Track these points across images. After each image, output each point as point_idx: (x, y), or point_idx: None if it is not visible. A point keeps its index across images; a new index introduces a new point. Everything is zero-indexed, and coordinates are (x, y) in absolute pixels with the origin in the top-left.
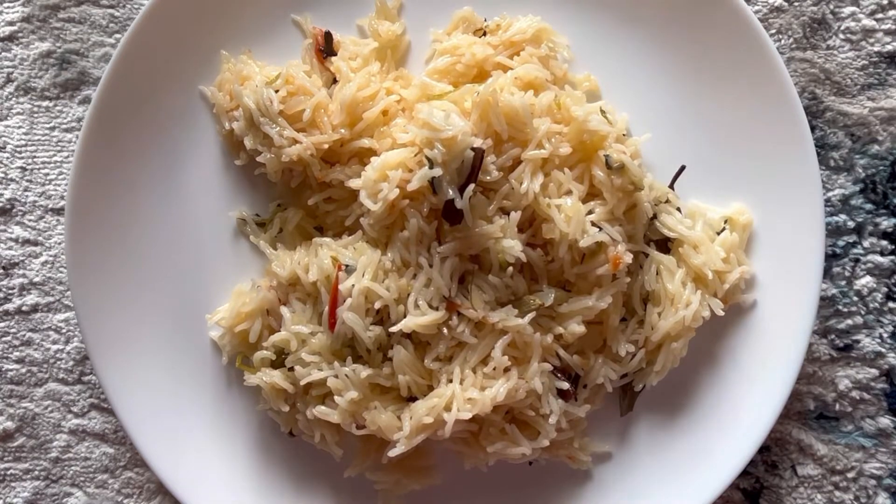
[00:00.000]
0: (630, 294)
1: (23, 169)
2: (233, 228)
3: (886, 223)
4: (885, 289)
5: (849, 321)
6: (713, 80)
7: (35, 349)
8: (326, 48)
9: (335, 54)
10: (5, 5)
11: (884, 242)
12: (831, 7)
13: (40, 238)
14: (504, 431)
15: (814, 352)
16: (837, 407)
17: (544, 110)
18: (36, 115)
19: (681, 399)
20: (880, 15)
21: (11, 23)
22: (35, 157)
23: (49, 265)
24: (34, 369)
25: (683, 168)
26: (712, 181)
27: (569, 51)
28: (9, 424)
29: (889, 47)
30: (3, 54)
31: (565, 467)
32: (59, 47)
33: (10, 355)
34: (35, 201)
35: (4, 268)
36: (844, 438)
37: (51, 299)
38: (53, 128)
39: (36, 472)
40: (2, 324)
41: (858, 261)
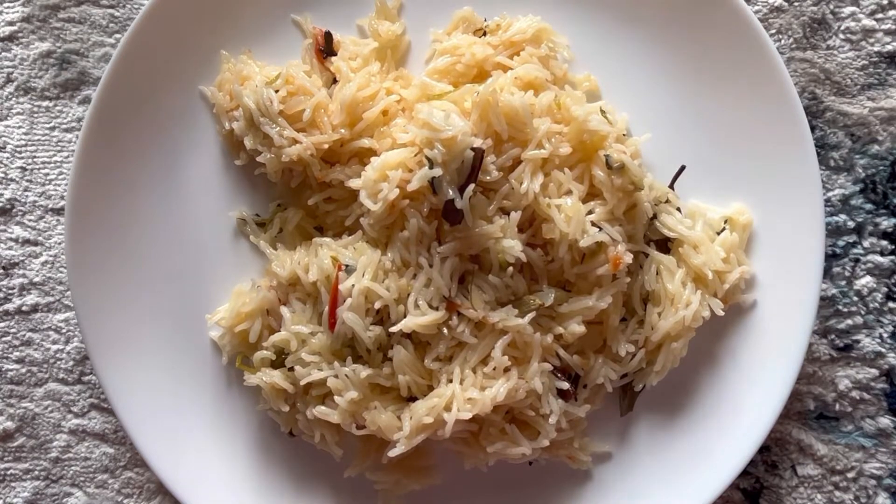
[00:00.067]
0: (630, 294)
1: (23, 169)
2: (233, 228)
3: (886, 223)
4: (885, 289)
5: (849, 321)
6: (713, 80)
7: (35, 349)
8: (326, 48)
9: (335, 54)
10: (5, 5)
11: (884, 242)
12: (831, 7)
13: (40, 238)
14: (504, 431)
15: (814, 352)
16: (837, 407)
17: (544, 110)
18: (36, 115)
19: (681, 399)
20: (880, 15)
21: (11, 23)
22: (35, 157)
23: (49, 265)
24: (34, 369)
25: (683, 168)
26: (712, 181)
27: (569, 51)
28: (9, 424)
29: (889, 47)
30: (3, 54)
31: (565, 467)
32: (59, 47)
33: (10, 355)
34: (35, 201)
35: (4, 268)
36: (844, 438)
37: (51, 299)
38: (53, 128)
39: (36, 472)
40: (2, 324)
41: (858, 261)
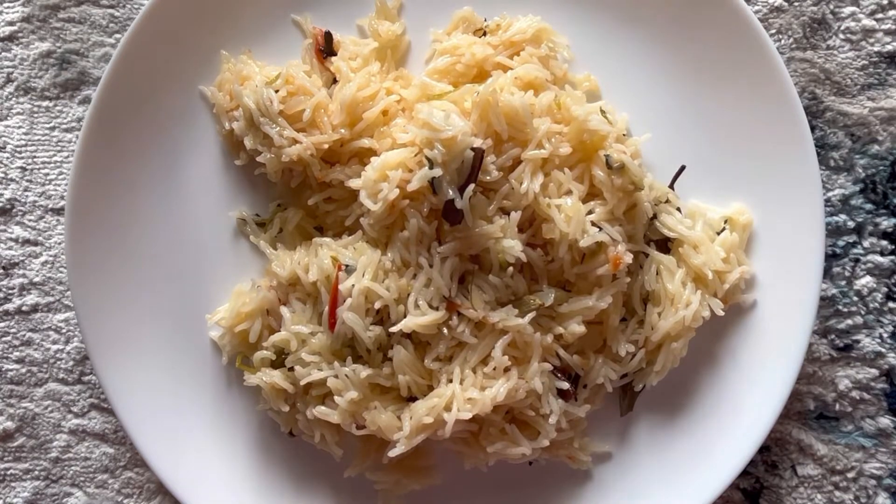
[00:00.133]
0: (630, 294)
1: (23, 169)
2: (233, 228)
3: (886, 223)
4: (885, 289)
5: (849, 321)
6: (713, 80)
7: (35, 349)
8: (326, 48)
9: (335, 54)
10: (5, 5)
11: (884, 242)
12: (831, 7)
13: (40, 238)
14: (504, 431)
15: (814, 352)
16: (837, 407)
17: (544, 110)
18: (36, 115)
19: (681, 399)
20: (880, 15)
21: (11, 23)
22: (35, 157)
23: (49, 265)
24: (34, 369)
25: (683, 168)
26: (712, 181)
27: (569, 51)
28: (9, 424)
29: (889, 47)
30: (3, 54)
31: (565, 467)
32: (59, 47)
33: (10, 355)
34: (35, 201)
35: (4, 268)
36: (844, 438)
37: (51, 299)
38: (53, 128)
39: (36, 472)
40: (2, 324)
41: (858, 261)
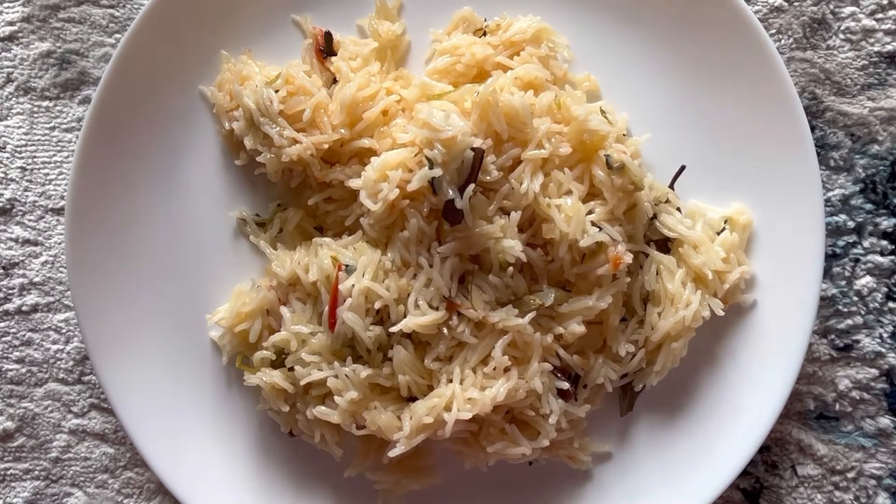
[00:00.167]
0: (630, 294)
1: (23, 169)
2: (233, 228)
3: (886, 223)
4: (885, 289)
5: (849, 321)
6: (713, 80)
7: (35, 349)
8: (326, 48)
9: (335, 54)
10: (5, 5)
11: (884, 242)
12: (831, 7)
13: (40, 238)
14: (504, 431)
15: (814, 352)
16: (837, 407)
17: (544, 110)
18: (36, 115)
19: (681, 399)
20: (880, 15)
21: (11, 23)
22: (35, 157)
23: (49, 265)
24: (34, 369)
25: (683, 168)
26: (712, 181)
27: (569, 51)
28: (9, 424)
29: (889, 47)
30: (3, 54)
31: (565, 467)
32: (59, 47)
33: (10, 355)
34: (35, 201)
35: (4, 268)
36: (844, 438)
37: (51, 299)
38: (53, 128)
39: (36, 472)
40: (2, 324)
41: (858, 261)
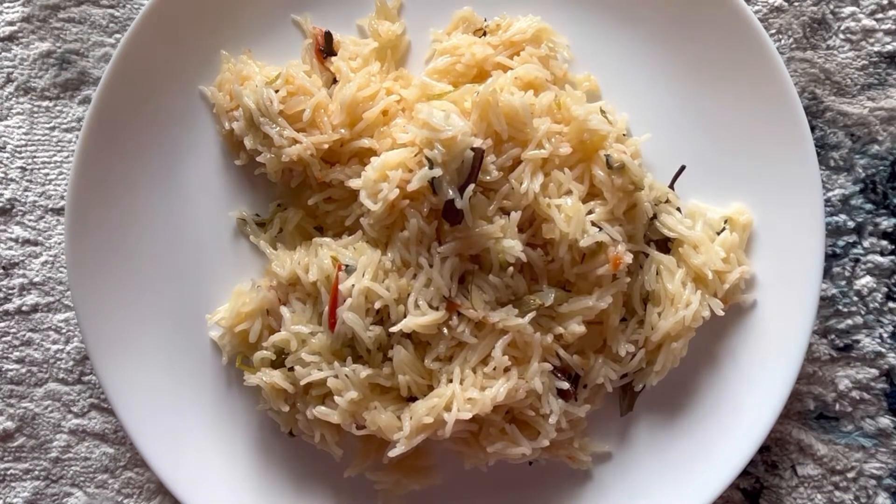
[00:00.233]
0: (630, 294)
1: (23, 169)
2: (233, 228)
3: (886, 223)
4: (885, 289)
5: (849, 321)
6: (713, 80)
7: (35, 349)
8: (326, 48)
9: (335, 54)
10: (5, 5)
11: (884, 242)
12: (831, 7)
13: (40, 238)
14: (504, 431)
15: (814, 352)
16: (837, 407)
17: (544, 110)
18: (36, 115)
19: (681, 399)
20: (880, 15)
21: (11, 23)
22: (35, 157)
23: (49, 265)
24: (34, 369)
25: (683, 168)
26: (712, 181)
27: (569, 51)
28: (9, 424)
29: (889, 47)
30: (3, 54)
31: (565, 467)
32: (59, 47)
33: (10, 355)
34: (35, 201)
35: (4, 268)
36: (844, 438)
37: (51, 299)
38: (53, 128)
39: (36, 472)
40: (2, 324)
41: (858, 261)
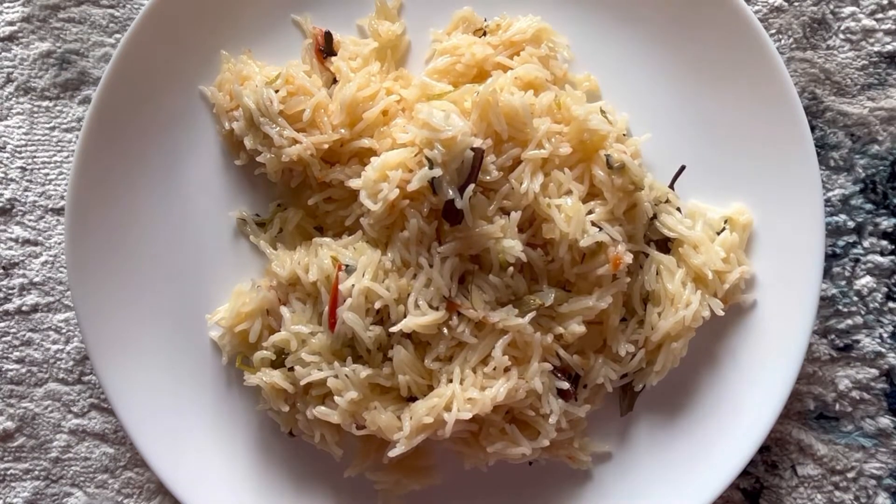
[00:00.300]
0: (630, 294)
1: (23, 169)
2: (233, 228)
3: (886, 223)
4: (885, 289)
5: (849, 321)
6: (713, 80)
7: (35, 349)
8: (326, 48)
9: (335, 54)
10: (5, 5)
11: (884, 242)
12: (831, 7)
13: (40, 238)
14: (504, 431)
15: (814, 352)
16: (837, 407)
17: (544, 110)
18: (36, 115)
19: (681, 399)
20: (880, 15)
21: (11, 23)
22: (35, 157)
23: (49, 265)
24: (34, 369)
25: (683, 168)
26: (712, 181)
27: (569, 51)
28: (9, 424)
29: (889, 47)
30: (3, 54)
31: (565, 467)
32: (59, 47)
33: (10, 355)
34: (35, 201)
35: (4, 268)
36: (844, 438)
37: (51, 299)
38: (53, 128)
39: (36, 472)
40: (2, 324)
41: (858, 261)
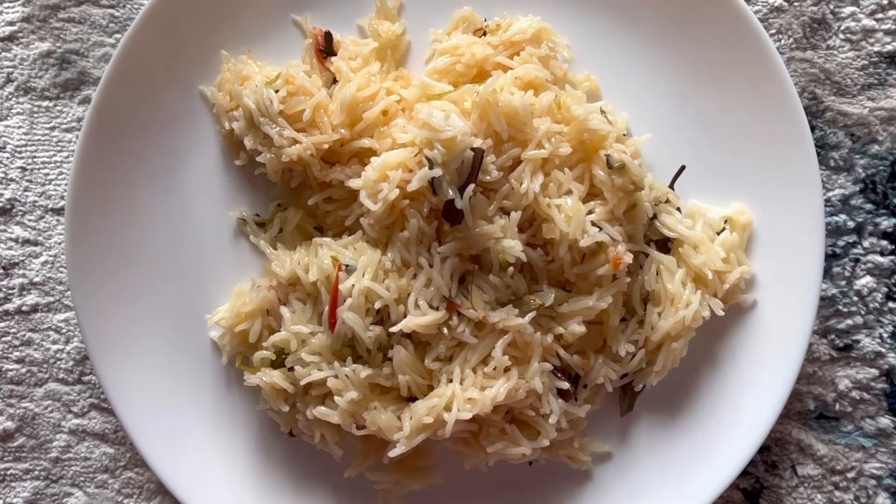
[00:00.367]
0: (630, 294)
1: (23, 169)
2: (233, 228)
3: (886, 223)
4: (885, 289)
5: (849, 321)
6: (713, 80)
7: (35, 349)
8: (326, 48)
9: (335, 54)
10: (5, 5)
11: (884, 242)
12: (831, 7)
13: (40, 238)
14: (504, 431)
15: (814, 352)
16: (837, 407)
17: (544, 110)
18: (36, 115)
19: (681, 399)
20: (880, 15)
21: (11, 23)
22: (35, 157)
23: (49, 265)
24: (34, 369)
25: (683, 168)
26: (712, 181)
27: (569, 51)
28: (9, 424)
29: (889, 47)
30: (3, 54)
31: (565, 467)
32: (59, 47)
33: (10, 355)
34: (35, 201)
35: (4, 268)
36: (844, 438)
37: (51, 299)
38: (53, 128)
39: (36, 472)
40: (2, 324)
41: (858, 261)
